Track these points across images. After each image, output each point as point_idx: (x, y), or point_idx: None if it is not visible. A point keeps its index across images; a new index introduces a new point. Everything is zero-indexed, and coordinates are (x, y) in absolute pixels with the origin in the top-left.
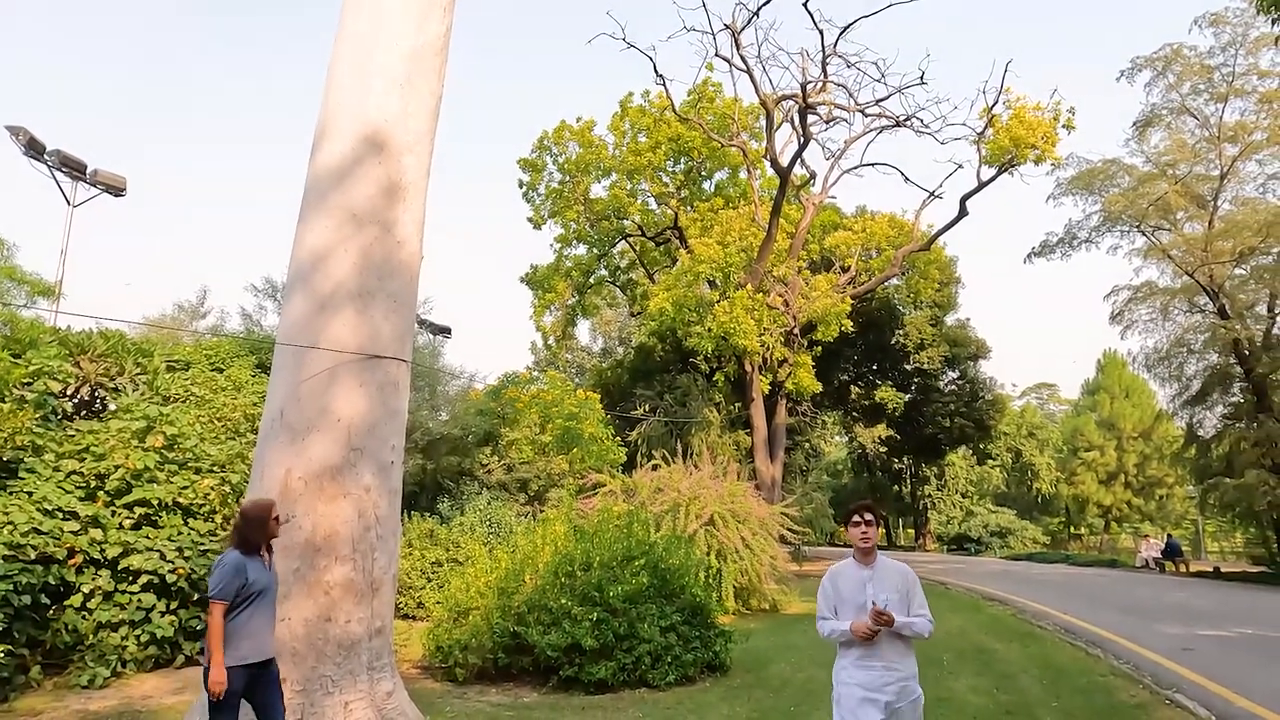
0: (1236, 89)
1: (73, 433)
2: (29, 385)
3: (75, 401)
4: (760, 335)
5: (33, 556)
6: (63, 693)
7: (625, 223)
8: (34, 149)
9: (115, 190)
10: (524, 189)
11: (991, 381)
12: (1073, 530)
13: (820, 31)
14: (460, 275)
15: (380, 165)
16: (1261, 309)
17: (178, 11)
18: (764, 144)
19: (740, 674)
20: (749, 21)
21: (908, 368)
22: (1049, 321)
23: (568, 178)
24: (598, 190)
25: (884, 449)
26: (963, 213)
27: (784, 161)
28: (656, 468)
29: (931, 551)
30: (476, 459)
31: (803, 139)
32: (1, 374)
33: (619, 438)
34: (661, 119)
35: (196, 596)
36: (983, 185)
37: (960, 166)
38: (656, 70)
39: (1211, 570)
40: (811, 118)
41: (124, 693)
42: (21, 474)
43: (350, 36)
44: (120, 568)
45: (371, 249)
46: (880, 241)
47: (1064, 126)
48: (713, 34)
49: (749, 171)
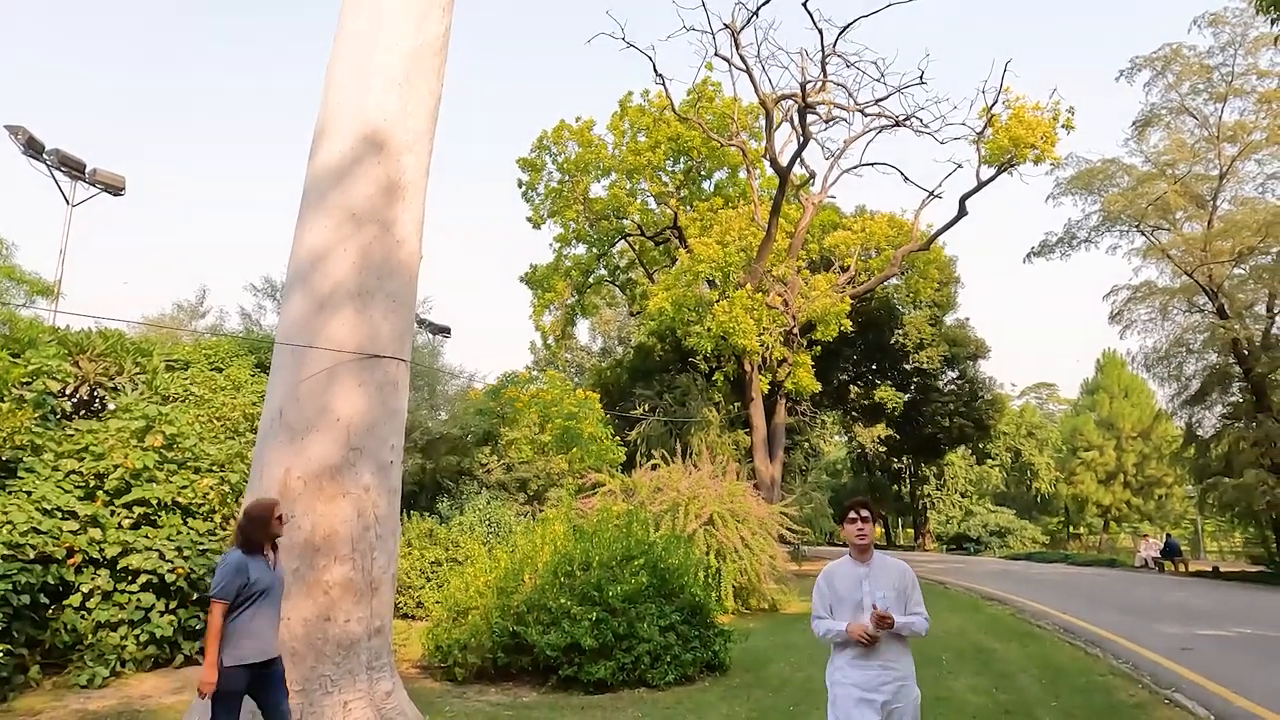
0: (1236, 89)
1: (72, 432)
2: (28, 385)
3: (74, 401)
4: (759, 335)
5: (32, 556)
6: (62, 692)
7: (625, 222)
8: (33, 148)
9: (114, 190)
10: (523, 188)
11: (991, 381)
12: (1072, 530)
13: (820, 31)
14: (459, 275)
15: (379, 165)
16: (1260, 309)
17: (178, 11)
18: (763, 143)
19: (739, 673)
20: (748, 21)
21: (907, 367)
22: (1048, 321)
23: (567, 177)
24: (597, 190)
25: (883, 449)
26: (962, 212)
27: (783, 161)
28: (656, 467)
29: (931, 551)
30: (476, 458)
31: (802, 138)
32: (1, 373)
33: (618, 437)
34: (661, 118)
35: (196, 596)
36: (982, 185)
37: (960, 166)
38: (656, 70)
39: (1210, 570)
40: (811, 117)
41: (123, 692)
42: (20, 473)
43: (350, 36)
44: (119, 567)
45: (371, 248)
46: (880, 241)
47: (1063, 126)
48: (712, 33)
49: (748, 171)
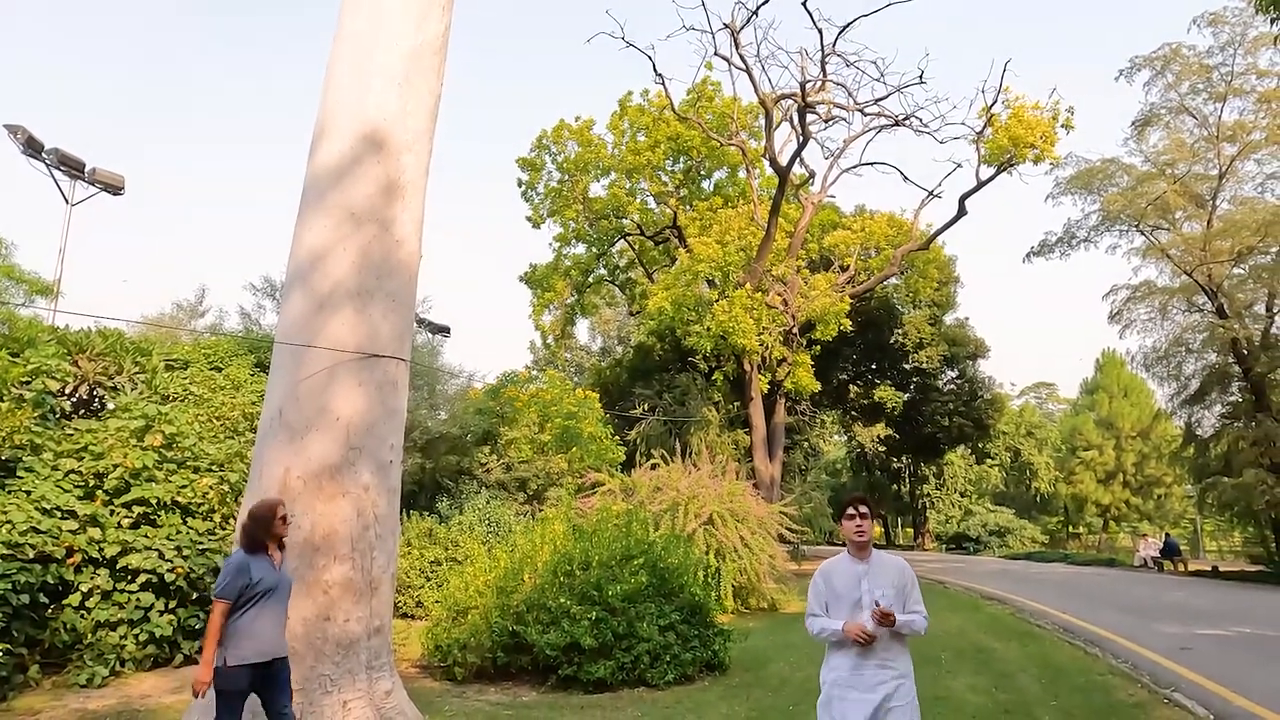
0: (1235, 88)
1: (71, 432)
2: (27, 384)
3: (73, 400)
4: (759, 334)
5: (31, 555)
6: (61, 692)
7: (624, 222)
8: (32, 148)
9: (114, 189)
10: (523, 188)
11: (990, 381)
12: (1071, 529)
13: (819, 30)
14: (459, 274)
15: (379, 164)
16: (1260, 308)
17: (178, 11)
18: (763, 143)
19: (739, 673)
20: (748, 20)
21: (906, 367)
22: (1048, 321)
23: (567, 177)
24: (597, 189)
25: (883, 448)
26: (961, 212)
27: (783, 161)
28: (655, 467)
29: (930, 551)
30: (475, 458)
31: (802, 138)
32: (0, 373)
33: (618, 437)
34: (660, 118)
35: (195, 595)
36: (982, 184)
37: (959, 166)
38: (655, 69)
39: (1210, 569)
40: (810, 117)
41: (122, 692)
42: (20, 473)
43: (349, 35)
44: (119, 567)
45: (370, 248)
46: (879, 241)
47: (1063, 126)
48: (712, 33)
49: (748, 171)
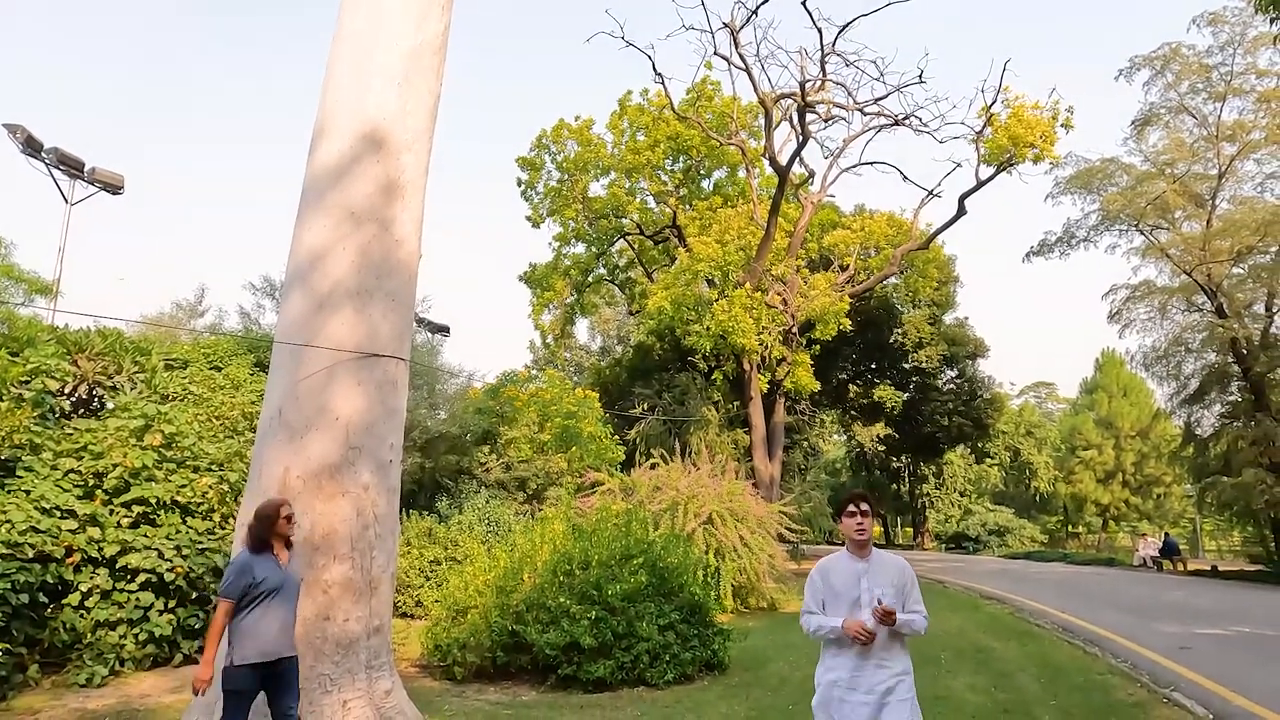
0: (1235, 88)
1: (70, 431)
2: (27, 383)
3: (73, 400)
4: (759, 334)
5: (31, 555)
6: (61, 691)
7: (624, 221)
8: (32, 147)
9: (113, 188)
10: (522, 187)
11: (990, 380)
12: (1070, 529)
13: (819, 30)
14: (459, 274)
15: (378, 163)
16: (1259, 308)
17: (178, 11)
18: (762, 142)
19: (738, 672)
20: (748, 20)
21: (906, 366)
22: (1047, 320)
23: (566, 176)
24: (596, 189)
25: (882, 447)
26: (961, 211)
27: (783, 160)
28: (655, 466)
29: (930, 550)
30: (475, 457)
31: (801, 137)
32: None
33: (617, 436)
34: (660, 117)
35: (194, 595)
36: (981, 184)
37: (959, 165)
38: (655, 69)
39: (1209, 569)
40: (810, 116)
41: (122, 691)
42: (19, 472)
43: (349, 35)
44: (118, 566)
45: (370, 247)
46: (879, 240)
47: (1062, 125)
48: (711, 32)
49: (748, 170)
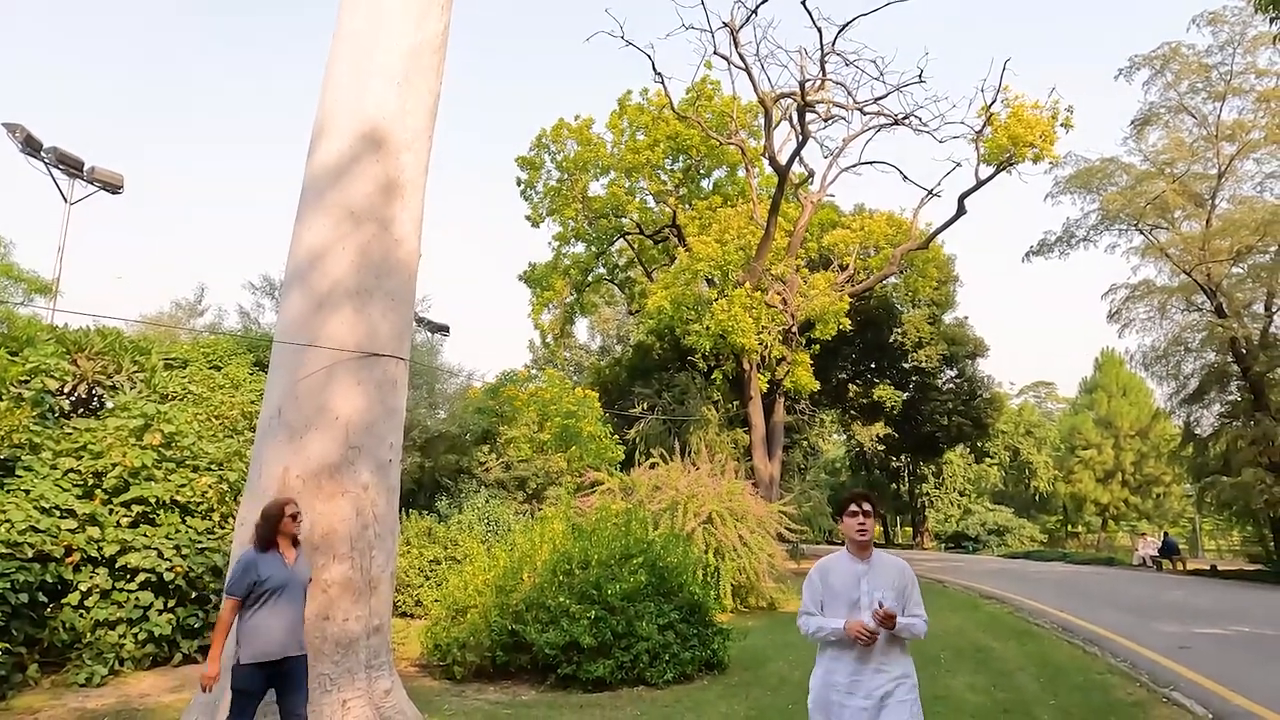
0: (1234, 88)
1: (70, 430)
2: (26, 383)
3: (72, 399)
4: (758, 333)
5: (30, 555)
6: (60, 691)
7: (623, 221)
8: (31, 146)
9: (112, 188)
10: (522, 187)
11: (989, 380)
12: (1070, 528)
13: (819, 29)
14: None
15: (378, 163)
16: (1259, 307)
17: (178, 11)
18: (762, 142)
19: (738, 672)
20: (747, 19)
21: (906, 366)
22: (1047, 320)
23: (566, 176)
24: (596, 188)
25: (882, 447)
26: (961, 211)
27: (782, 160)
28: (654, 466)
29: (929, 550)
30: (475, 457)
31: (801, 137)
32: None
33: (617, 436)
34: (660, 117)
35: (194, 595)
36: (981, 184)
37: (959, 165)
38: (655, 68)
39: (1208, 568)
40: (810, 116)
41: (121, 691)
42: (19, 472)
43: (348, 34)
44: (118, 566)
45: (369, 247)
46: (878, 240)
47: (1062, 125)
48: (711, 32)
49: (747, 170)
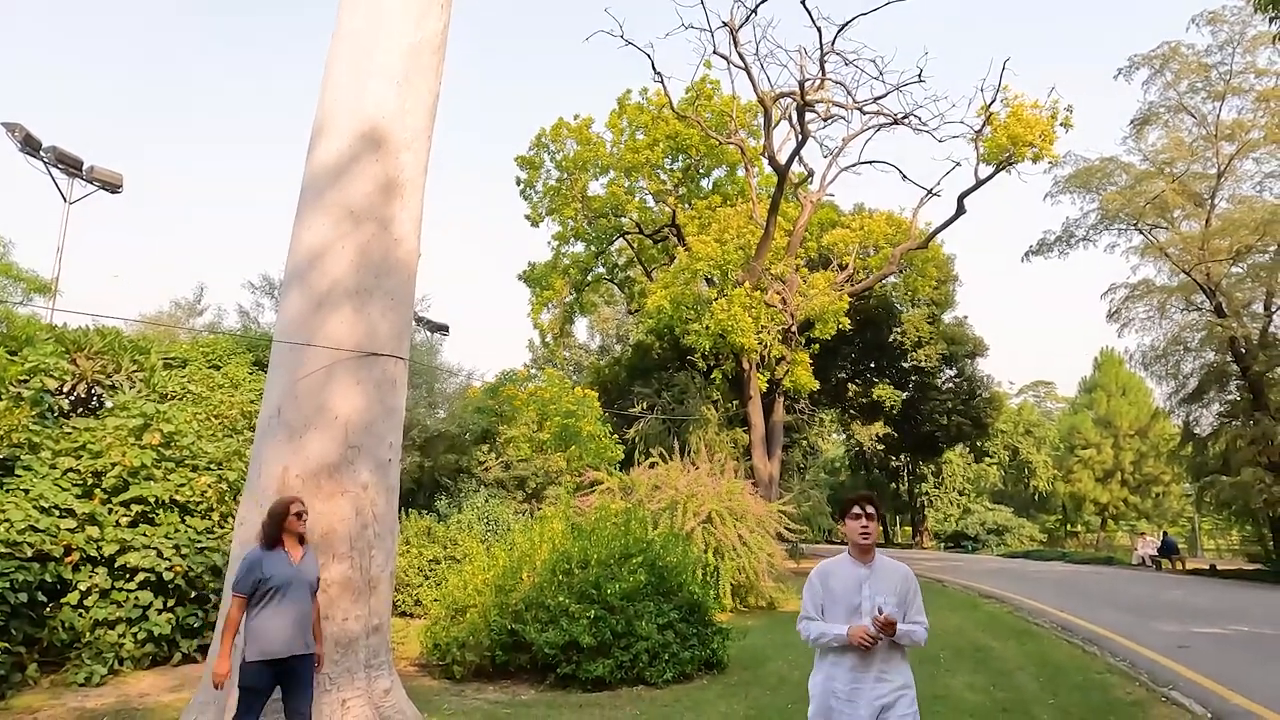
0: (1234, 87)
1: (69, 430)
2: (25, 382)
3: (72, 399)
4: (758, 333)
5: (29, 554)
6: (60, 690)
7: (623, 220)
8: (30, 145)
9: (112, 187)
10: (522, 186)
11: (989, 379)
12: (1069, 528)
13: (818, 29)
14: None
15: (378, 162)
16: (1258, 307)
17: (178, 11)
18: (762, 141)
19: (738, 672)
20: (747, 19)
21: (905, 365)
22: (1046, 320)
23: (565, 175)
24: (595, 188)
25: (881, 447)
26: (960, 210)
27: (782, 159)
28: (654, 465)
29: (929, 549)
30: (474, 456)
31: (801, 136)
32: None
33: (616, 435)
34: (659, 116)
35: (193, 594)
36: (981, 183)
37: (958, 164)
38: (654, 67)
39: (1207, 568)
40: (809, 115)
41: (121, 690)
42: (18, 471)
43: (348, 34)
44: (117, 565)
45: (369, 246)
46: (878, 239)
47: (1062, 125)
48: (710, 31)
49: (747, 169)
